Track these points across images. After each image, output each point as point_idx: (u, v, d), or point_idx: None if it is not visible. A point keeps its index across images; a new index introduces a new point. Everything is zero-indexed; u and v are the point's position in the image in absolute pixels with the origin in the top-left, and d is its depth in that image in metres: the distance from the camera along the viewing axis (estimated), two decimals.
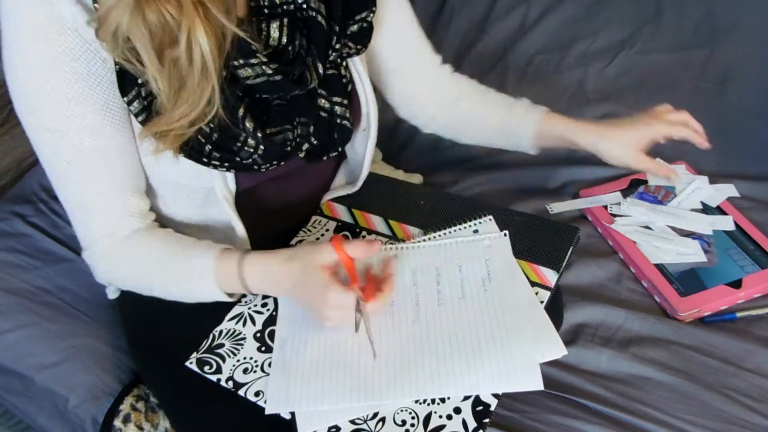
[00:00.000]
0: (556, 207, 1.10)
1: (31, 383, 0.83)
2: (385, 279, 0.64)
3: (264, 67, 0.59)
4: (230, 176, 0.68)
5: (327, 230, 0.79)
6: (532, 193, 1.14)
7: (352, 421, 0.59)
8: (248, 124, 0.62)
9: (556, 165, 1.20)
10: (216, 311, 0.70)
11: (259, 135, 0.62)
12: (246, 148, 0.63)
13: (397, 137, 1.31)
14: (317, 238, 0.78)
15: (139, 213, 0.68)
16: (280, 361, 0.63)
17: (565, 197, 1.13)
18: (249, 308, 0.70)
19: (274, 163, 0.66)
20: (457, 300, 0.67)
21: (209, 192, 0.69)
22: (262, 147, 0.63)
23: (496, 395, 0.59)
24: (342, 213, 0.81)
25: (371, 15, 0.69)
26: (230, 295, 0.67)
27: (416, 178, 1.07)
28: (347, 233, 0.78)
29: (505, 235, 0.73)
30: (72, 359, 0.83)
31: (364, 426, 0.59)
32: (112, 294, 0.82)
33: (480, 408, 0.58)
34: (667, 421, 0.80)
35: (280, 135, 0.65)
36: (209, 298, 0.66)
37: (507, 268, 0.70)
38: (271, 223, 0.78)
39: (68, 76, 0.57)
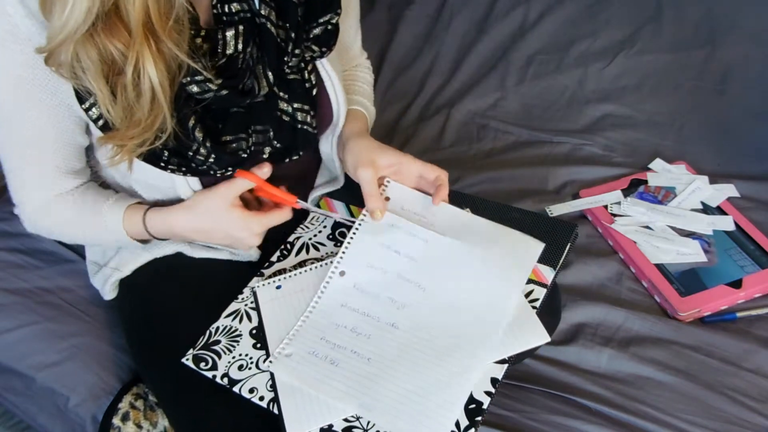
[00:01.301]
0: (556, 209, 1.10)
1: (32, 382, 0.83)
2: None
3: (209, 83, 0.60)
4: (192, 178, 0.69)
5: (324, 227, 0.79)
6: (532, 193, 1.14)
7: (345, 419, 0.59)
8: (198, 134, 0.63)
9: (556, 165, 1.20)
10: (214, 309, 0.70)
11: (209, 144, 0.63)
12: (198, 156, 0.64)
13: (396, 136, 1.31)
14: (314, 235, 0.78)
15: (70, 187, 0.72)
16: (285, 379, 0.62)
17: (565, 197, 1.13)
18: (245, 305, 0.70)
19: (230, 168, 0.67)
20: (451, 241, 0.69)
21: (175, 190, 0.71)
22: (213, 155, 0.64)
23: (488, 393, 0.59)
24: (340, 209, 0.81)
25: (336, 17, 0.69)
26: (142, 241, 0.74)
27: None
28: (343, 229, 0.78)
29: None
30: (73, 358, 0.83)
31: (357, 423, 0.59)
32: (107, 295, 0.82)
33: (472, 406, 0.58)
34: (667, 421, 0.80)
35: (234, 144, 0.66)
36: (123, 245, 0.76)
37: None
38: None
39: (19, 80, 0.60)
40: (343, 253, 0.70)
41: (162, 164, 0.65)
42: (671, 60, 1.35)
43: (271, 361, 0.64)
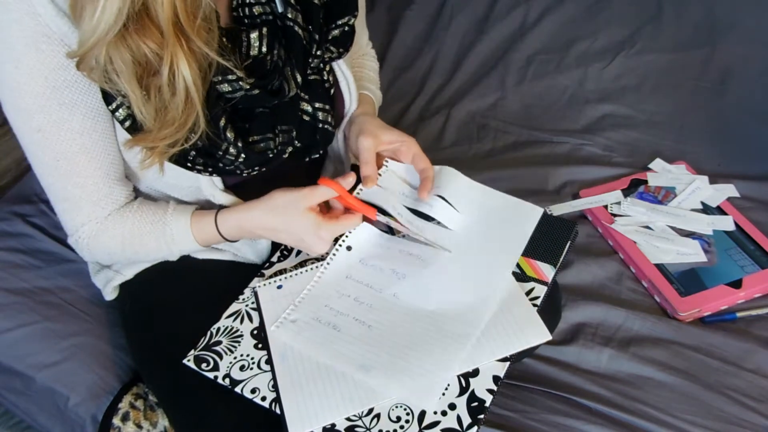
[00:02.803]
0: (556, 209, 1.10)
1: (32, 382, 0.83)
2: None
3: (241, 82, 0.61)
4: (216, 177, 0.70)
5: None
6: (532, 193, 1.14)
7: (348, 418, 0.59)
8: (229, 134, 0.63)
9: (556, 165, 1.20)
10: (215, 309, 0.70)
11: (240, 144, 0.64)
12: (227, 156, 0.64)
13: None
14: None
15: (122, 198, 0.70)
16: (287, 377, 0.62)
17: (565, 197, 1.13)
18: (246, 305, 0.70)
19: (257, 168, 0.68)
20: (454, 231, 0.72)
21: (197, 190, 0.71)
22: (243, 155, 0.65)
23: (490, 391, 0.59)
24: None
25: (353, 19, 0.70)
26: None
27: None
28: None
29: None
30: (73, 358, 0.83)
31: (359, 423, 0.59)
32: (108, 296, 0.82)
33: (475, 404, 0.58)
34: (667, 421, 0.80)
35: (262, 143, 0.66)
36: (185, 253, 0.74)
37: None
38: None
39: (57, 83, 0.59)
40: (352, 229, 0.71)
41: (189, 164, 0.65)
42: (671, 60, 1.35)
43: (277, 326, 0.66)
